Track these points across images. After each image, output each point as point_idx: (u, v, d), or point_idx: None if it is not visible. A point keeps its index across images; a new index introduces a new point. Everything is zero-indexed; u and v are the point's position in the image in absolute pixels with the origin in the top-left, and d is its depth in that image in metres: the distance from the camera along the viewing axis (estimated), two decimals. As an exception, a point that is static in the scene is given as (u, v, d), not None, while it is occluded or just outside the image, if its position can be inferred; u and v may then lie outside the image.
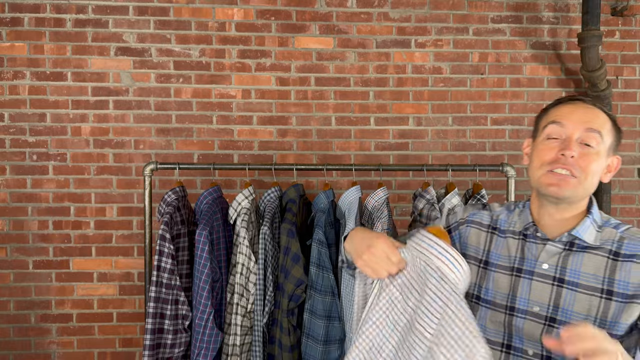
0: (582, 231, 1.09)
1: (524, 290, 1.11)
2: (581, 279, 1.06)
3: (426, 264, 1.05)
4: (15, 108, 2.54)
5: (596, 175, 1.09)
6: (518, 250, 1.14)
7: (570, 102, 1.13)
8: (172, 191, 1.93)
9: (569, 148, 1.06)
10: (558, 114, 1.12)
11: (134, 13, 2.56)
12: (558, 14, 2.70)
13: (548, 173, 1.08)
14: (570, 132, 1.08)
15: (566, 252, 1.09)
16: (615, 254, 1.06)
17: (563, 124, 1.09)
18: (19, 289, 2.56)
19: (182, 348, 1.85)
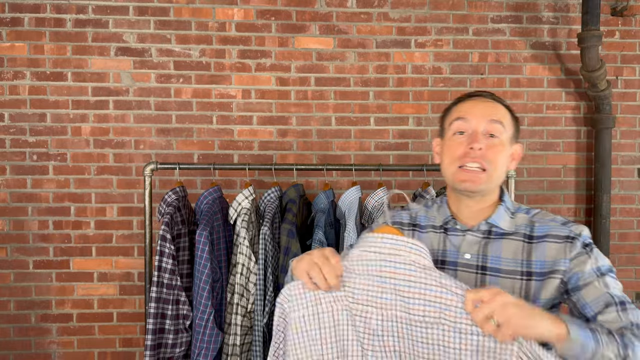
0: (497, 219, 1.16)
1: None
2: (502, 265, 1.13)
3: (397, 263, 1.02)
4: (16, 108, 2.55)
5: (503, 165, 1.16)
6: (440, 244, 1.20)
7: (471, 98, 1.21)
8: (173, 191, 1.93)
9: (476, 141, 1.12)
10: (461, 111, 1.18)
11: (134, 13, 2.56)
12: (558, 14, 2.70)
13: (460, 170, 1.14)
14: (475, 126, 1.14)
15: (485, 240, 1.15)
16: (529, 237, 1.13)
17: (467, 119, 1.15)
18: (19, 289, 2.56)
19: (183, 348, 1.85)
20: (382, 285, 1.02)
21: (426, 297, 0.99)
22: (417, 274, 1.00)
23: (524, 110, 2.69)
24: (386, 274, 1.02)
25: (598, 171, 2.64)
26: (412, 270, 1.00)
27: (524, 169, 2.69)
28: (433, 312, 0.98)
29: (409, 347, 1.02)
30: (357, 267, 1.05)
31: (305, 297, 1.07)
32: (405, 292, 1.00)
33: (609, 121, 2.62)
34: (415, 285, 1.00)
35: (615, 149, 2.69)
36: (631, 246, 2.74)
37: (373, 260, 1.03)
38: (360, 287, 1.05)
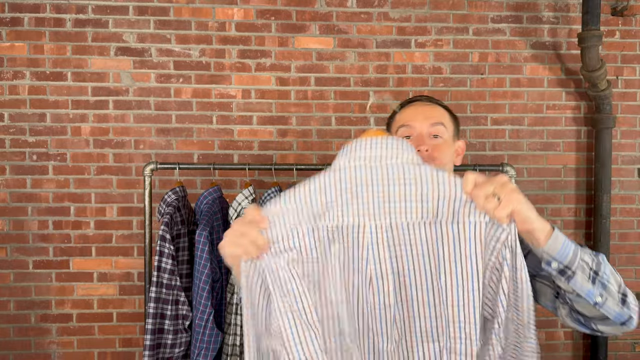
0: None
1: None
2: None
3: (386, 166, 0.94)
4: (15, 108, 2.54)
5: (450, 161, 1.25)
6: None
7: (411, 104, 1.30)
8: (172, 191, 1.93)
9: (423, 143, 1.20)
10: (405, 118, 1.26)
11: (134, 13, 2.56)
12: (558, 13, 2.70)
13: None
14: (419, 130, 1.23)
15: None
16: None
17: (411, 125, 1.24)
18: (19, 289, 2.56)
19: (182, 348, 1.85)
20: (372, 194, 0.95)
21: (422, 196, 0.93)
22: (411, 173, 0.94)
23: (524, 110, 2.69)
24: (376, 180, 0.94)
25: (598, 171, 2.64)
26: (406, 170, 0.94)
27: (524, 169, 2.69)
28: (431, 209, 0.93)
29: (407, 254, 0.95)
30: (335, 180, 0.95)
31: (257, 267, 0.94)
32: (399, 195, 0.94)
33: (609, 121, 2.62)
34: (410, 185, 0.94)
35: (616, 148, 2.69)
36: (631, 246, 2.73)
37: (360, 167, 0.95)
38: (344, 201, 0.95)
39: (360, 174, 0.95)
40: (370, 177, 0.95)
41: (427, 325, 0.96)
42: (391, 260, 0.96)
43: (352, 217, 0.96)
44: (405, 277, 0.96)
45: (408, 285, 0.97)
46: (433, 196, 0.93)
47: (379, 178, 0.94)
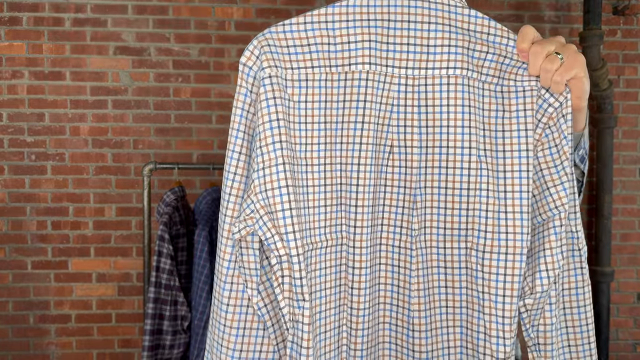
0: None
1: None
2: None
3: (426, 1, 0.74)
4: (14, 108, 2.53)
5: None
6: None
7: None
8: (171, 191, 1.92)
9: None
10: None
11: (132, 12, 2.55)
12: (559, 13, 2.69)
13: None
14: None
15: None
16: None
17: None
18: (18, 290, 2.55)
19: (181, 349, 1.84)
20: (404, 34, 0.74)
21: (470, 44, 0.74)
22: (455, 14, 0.74)
23: (525, 110, 2.68)
24: (413, 17, 0.74)
25: (600, 171, 2.63)
26: (451, 10, 0.74)
27: (525, 169, 2.67)
28: (477, 63, 0.74)
29: (443, 119, 0.75)
30: (361, 9, 0.74)
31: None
32: (441, 40, 0.74)
33: (610, 121, 2.61)
34: (454, 29, 0.74)
35: (617, 148, 2.68)
36: (633, 246, 2.72)
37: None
38: (373, 42, 0.74)
39: (393, 5, 0.73)
40: (407, 10, 0.73)
41: (454, 216, 0.76)
42: (420, 123, 0.75)
43: (374, 59, 0.74)
44: (435, 148, 0.75)
45: (437, 160, 0.75)
46: (480, 48, 0.74)
47: (418, 15, 0.73)
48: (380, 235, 0.78)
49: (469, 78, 0.74)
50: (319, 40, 0.73)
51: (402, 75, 0.74)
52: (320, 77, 0.74)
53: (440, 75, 0.74)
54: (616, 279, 2.67)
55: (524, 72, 0.74)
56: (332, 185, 0.76)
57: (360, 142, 0.75)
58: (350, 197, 0.75)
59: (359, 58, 0.73)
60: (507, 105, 0.74)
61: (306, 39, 0.73)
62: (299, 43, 0.73)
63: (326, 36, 0.73)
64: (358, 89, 0.74)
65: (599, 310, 2.58)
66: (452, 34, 0.74)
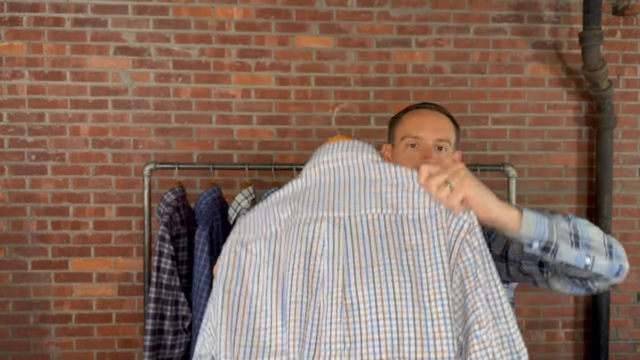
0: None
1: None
2: None
3: (348, 167, 0.99)
4: (14, 108, 2.53)
5: None
6: None
7: (418, 112, 1.30)
8: (172, 191, 1.92)
9: (429, 156, 1.22)
10: (412, 127, 1.27)
11: (133, 12, 2.55)
12: (559, 13, 2.69)
13: None
14: (426, 142, 1.24)
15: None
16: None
17: (418, 136, 1.25)
18: (18, 290, 2.55)
19: (182, 349, 1.84)
20: (335, 192, 0.98)
21: (382, 189, 0.95)
22: (371, 170, 0.98)
23: (525, 110, 2.68)
24: (340, 179, 0.98)
25: (599, 171, 2.63)
26: (367, 168, 0.98)
27: (525, 169, 2.68)
28: (390, 203, 0.94)
29: (365, 249, 0.93)
30: (300, 185, 1.03)
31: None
32: (360, 192, 0.96)
33: (610, 121, 2.61)
34: (369, 181, 0.97)
35: (617, 148, 2.68)
36: (633, 246, 2.72)
37: (325, 170, 1.00)
38: (306, 201, 0.99)
39: (324, 176, 0.99)
40: (333, 177, 0.98)
41: (382, 326, 0.88)
42: (347, 254, 0.93)
43: (310, 212, 0.97)
44: (361, 271, 0.91)
45: (364, 282, 0.90)
46: (392, 190, 0.95)
47: (340, 177, 0.98)
48: (314, 350, 0.89)
49: (384, 215, 0.93)
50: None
51: (330, 217, 0.96)
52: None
53: (360, 215, 0.95)
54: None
55: (432, 200, 0.92)
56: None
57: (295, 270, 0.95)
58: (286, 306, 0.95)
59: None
60: (425, 228, 0.91)
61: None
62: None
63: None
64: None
65: (599, 310, 2.58)
66: (367, 183, 0.96)
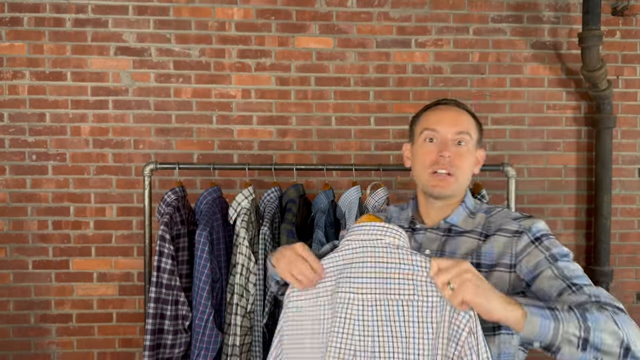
0: (454, 218, 1.25)
1: None
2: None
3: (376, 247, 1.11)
4: (15, 108, 2.54)
5: (469, 170, 1.26)
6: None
7: (438, 107, 1.28)
8: (172, 191, 1.93)
9: (446, 150, 1.21)
10: (431, 121, 1.26)
11: (133, 12, 2.56)
12: (558, 13, 2.69)
13: (431, 175, 1.23)
14: (444, 136, 1.23)
15: (445, 237, 1.24)
16: (485, 236, 1.20)
17: (436, 129, 1.23)
18: (19, 289, 2.56)
19: (182, 348, 1.85)
20: (363, 271, 1.10)
21: (400, 276, 1.06)
22: (392, 255, 1.08)
23: (525, 110, 2.68)
24: (367, 259, 1.10)
25: (599, 171, 2.64)
26: (388, 252, 1.08)
27: (524, 169, 2.68)
28: (407, 288, 1.05)
29: (387, 329, 1.06)
30: (343, 257, 1.14)
31: (296, 293, 1.18)
32: (383, 274, 1.08)
33: (609, 121, 2.62)
34: (391, 265, 1.07)
35: (616, 148, 2.68)
36: (632, 246, 2.73)
37: (357, 248, 1.12)
38: (345, 275, 1.11)
39: (355, 253, 1.12)
40: (362, 256, 1.11)
41: None
42: (373, 337, 1.07)
43: (345, 290, 1.11)
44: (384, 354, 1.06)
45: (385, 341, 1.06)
46: (408, 276, 1.06)
47: (367, 257, 1.10)
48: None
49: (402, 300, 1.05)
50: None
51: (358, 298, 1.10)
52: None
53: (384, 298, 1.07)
54: (615, 278, 2.67)
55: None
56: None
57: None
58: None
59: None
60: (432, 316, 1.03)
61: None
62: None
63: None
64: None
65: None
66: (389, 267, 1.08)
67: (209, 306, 1.80)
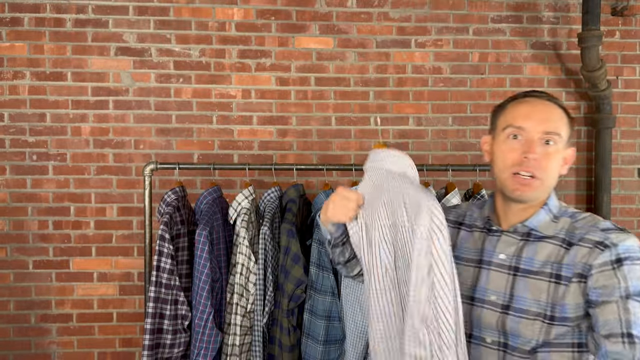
0: (535, 221, 1.14)
1: (483, 280, 1.16)
2: (534, 267, 1.10)
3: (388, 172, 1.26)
4: (15, 108, 2.54)
5: (556, 171, 1.13)
6: (480, 243, 1.20)
7: (526, 100, 1.15)
8: (172, 191, 1.93)
9: (532, 151, 1.09)
10: (517, 116, 1.13)
11: (134, 13, 2.56)
12: (558, 13, 2.69)
13: (513, 176, 1.12)
14: (531, 135, 1.11)
15: (523, 242, 1.14)
16: (568, 243, 1.09)
17: (523, 127, 1.11)
18: (19, 289, 2.56)
19: (181, 348, 1.85)
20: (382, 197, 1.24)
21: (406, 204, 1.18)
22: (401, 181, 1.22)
23: (524, 110, 2.68)
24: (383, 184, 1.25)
25: (598, 171, 2.64)
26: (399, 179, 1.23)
27: (524, 169, 2.68)
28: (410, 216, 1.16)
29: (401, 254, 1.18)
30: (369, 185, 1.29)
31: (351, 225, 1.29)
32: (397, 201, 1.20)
33: (609, 121, 2.62)
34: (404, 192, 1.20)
35: (616, 148, 2.68)
36: (632, 246, 2.73)
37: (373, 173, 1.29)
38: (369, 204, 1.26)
39: (374, 178, 1.28)
40: (380, 182, 1.26)
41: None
42: (395, 255, 1.20)
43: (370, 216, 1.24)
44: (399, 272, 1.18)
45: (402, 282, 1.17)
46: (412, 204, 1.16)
47: (382, 181, 1.25)
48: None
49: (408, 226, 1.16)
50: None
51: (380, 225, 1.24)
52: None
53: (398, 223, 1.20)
54: (615, 278, 2.67)
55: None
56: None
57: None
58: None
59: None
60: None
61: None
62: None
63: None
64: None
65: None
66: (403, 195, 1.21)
67: (208, 306, 1.81)
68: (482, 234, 1.21)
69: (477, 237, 1.22)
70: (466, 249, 1.22)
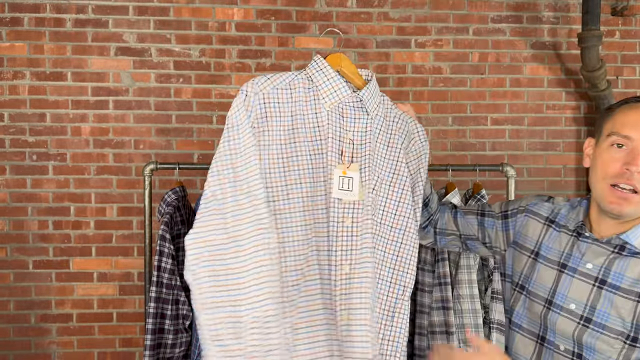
0: (632, 236, 1.07)
1: (565, 286, 1.11)
2: (623, 283, 1.04)
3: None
4: (15, 108, 2.54)
5: None
6: (568, 246, 1.14)
7: (636, 106, 1.08)
8: (172, 191, 1.93)
9: (636, 163, 1.01)
10: (624, 123, 1.06)
11: (134, 13, 2.56)
12: (558, 13, 2.70)
13: (610, 188, 1.05)
14: (637, 145, 1.03)
15: (615, 255, 1.07)
16: None
17: (630, 137, 1.04)
18: (19, 289, 2.56)
19: (182, 348, 1.85)
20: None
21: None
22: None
23: (524, 110, 2.69)
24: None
25: (598, 171, 2.64)
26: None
27: (524, 169, 2.69)
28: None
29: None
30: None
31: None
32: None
33: (609, 121, 2.62)
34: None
35: (616, 148, 2.68)
36: (631, 246, 2.73)
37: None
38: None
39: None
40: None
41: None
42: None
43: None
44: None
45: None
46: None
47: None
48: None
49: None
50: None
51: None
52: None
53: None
54: (615, 278, 2.68)
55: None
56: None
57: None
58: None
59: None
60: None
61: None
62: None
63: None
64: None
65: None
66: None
67: (209, 306, 1.80)
68: (571, 238, 1.15)
69: (564, 240, 1.15)
70: (551, 249, 1.17)
